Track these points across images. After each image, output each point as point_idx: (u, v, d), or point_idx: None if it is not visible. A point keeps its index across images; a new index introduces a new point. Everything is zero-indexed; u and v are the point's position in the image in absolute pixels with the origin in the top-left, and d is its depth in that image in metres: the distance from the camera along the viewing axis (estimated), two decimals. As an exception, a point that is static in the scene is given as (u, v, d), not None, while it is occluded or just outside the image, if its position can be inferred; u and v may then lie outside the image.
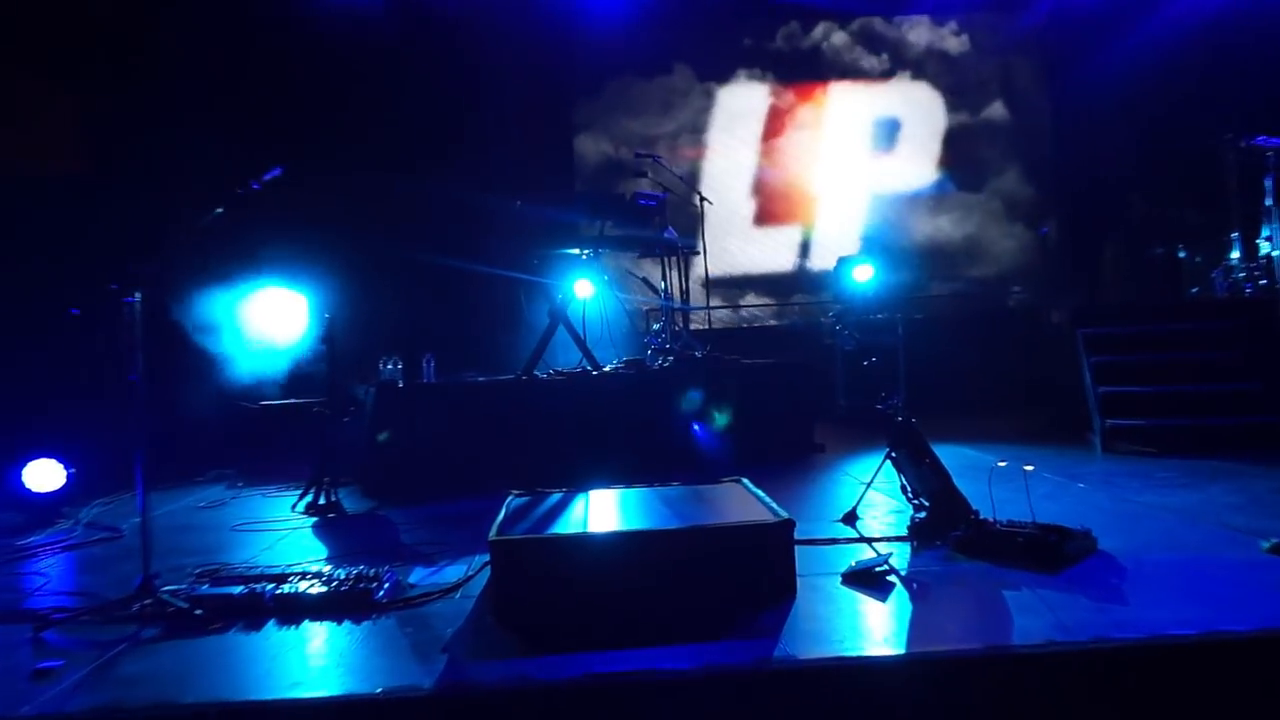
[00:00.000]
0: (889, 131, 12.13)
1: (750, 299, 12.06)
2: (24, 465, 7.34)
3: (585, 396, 8.18)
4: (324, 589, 4.90)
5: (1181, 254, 10.34)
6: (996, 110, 12.19)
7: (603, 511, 5.16)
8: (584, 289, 9.14)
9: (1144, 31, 11.15)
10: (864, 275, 10.46)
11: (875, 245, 11.63)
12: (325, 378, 7.31)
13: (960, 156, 12.16)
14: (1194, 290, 10.43)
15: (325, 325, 7.26)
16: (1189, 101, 10.78)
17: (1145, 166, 11.26)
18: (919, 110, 12.29)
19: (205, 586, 5.00)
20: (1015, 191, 12.06)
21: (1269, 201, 9.53)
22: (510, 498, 5.57)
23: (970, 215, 12.16)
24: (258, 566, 5.53)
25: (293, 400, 8.91)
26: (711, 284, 10.32)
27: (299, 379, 8.08)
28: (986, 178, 12.04)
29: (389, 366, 8.12)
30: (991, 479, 6.06)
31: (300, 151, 8.15)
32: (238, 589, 4.91)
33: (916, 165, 12.24)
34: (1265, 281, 9.71)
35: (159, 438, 5.04)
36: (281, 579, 5.05)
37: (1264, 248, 9.76)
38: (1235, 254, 10.09)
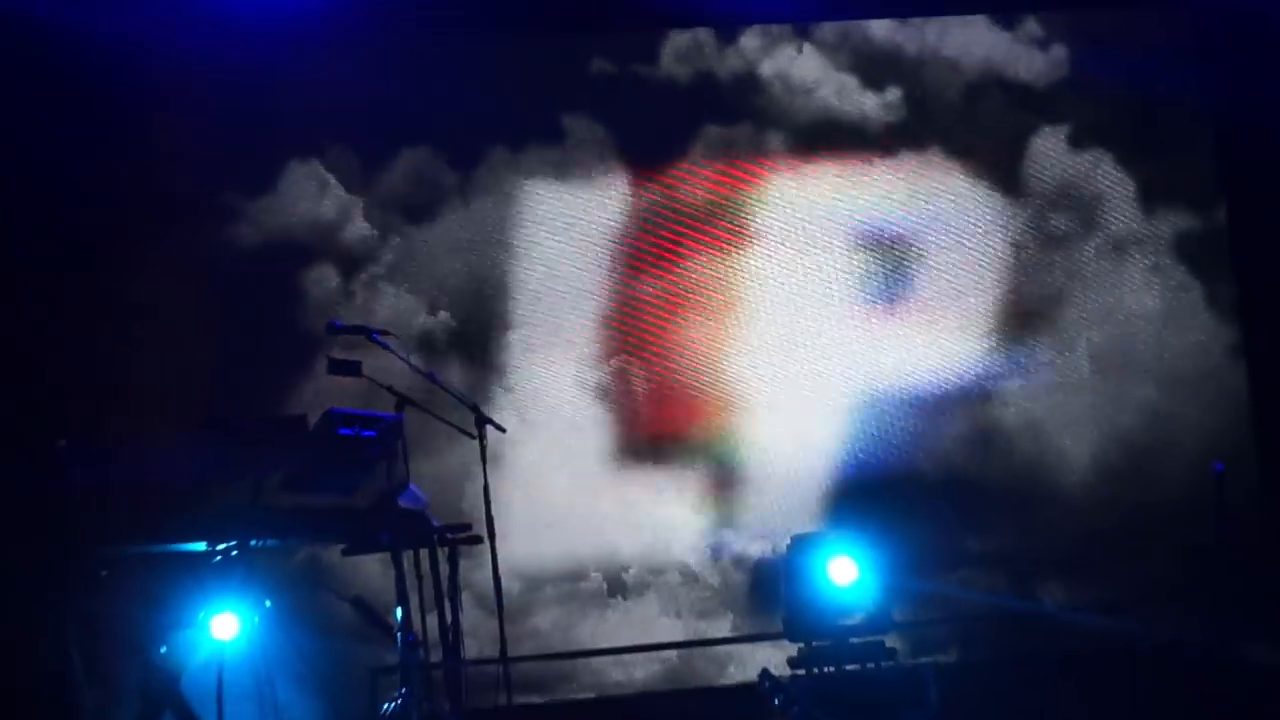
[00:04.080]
0: (892, 258, 7.84)
1: (602, 632, 7.46)
2: None
3: None
4: None
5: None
6: (1142, 210, 7.85)
7: None
8: (222, 628, 5.52)
9: None
10: (845, 575, 6.42)
11: (864, 513, 7.41)
12: None
13: (1056, 318, 7.80)
14: None
15: None
16: None
17: None
18: (954, 210, 7.89)
19: None
20: (1187, 398, 7.61)
21: None
22: None
23: (1083, 445, 7.66)
24: None
25: None
26: (521, 603, 6.91)
27: None
28: (1117, 359, 7.61)
29: None
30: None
31: None
32: None
33: (949, 329, 7.80)
34: None
35: None
36: None
37: None
38: None
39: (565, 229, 7.33)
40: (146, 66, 6.78)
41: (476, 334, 7.25)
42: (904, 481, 7.43)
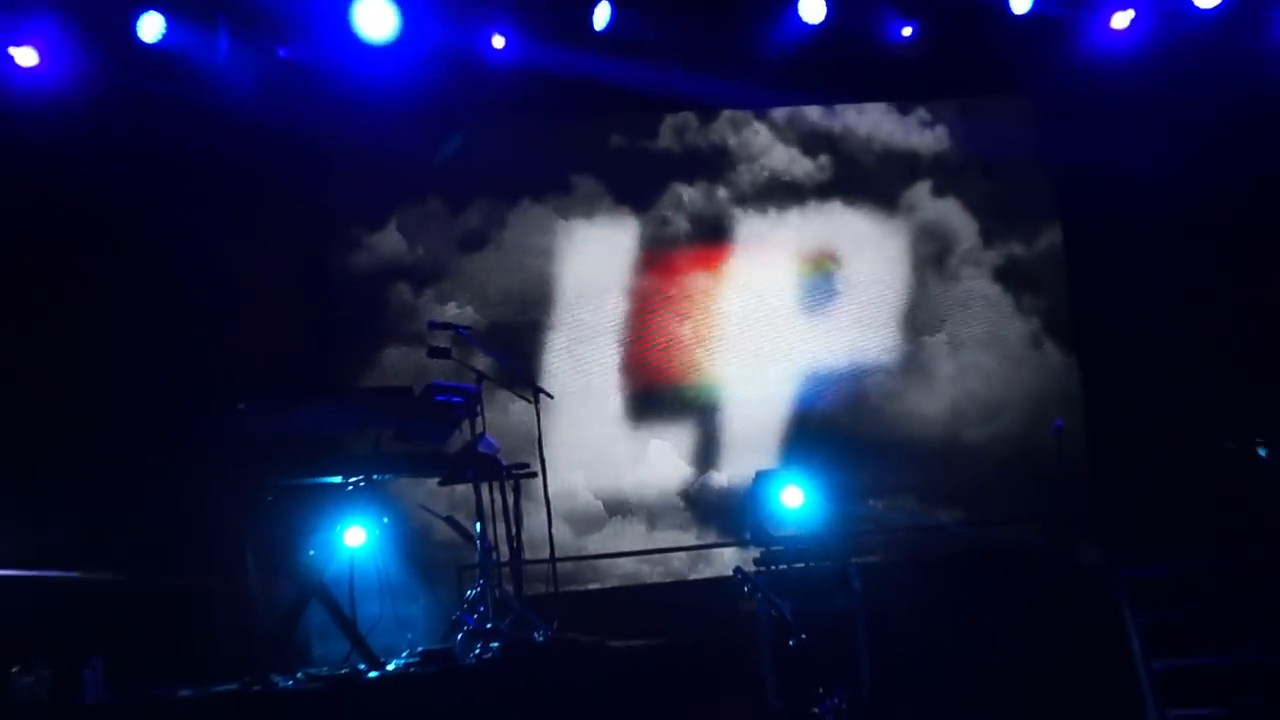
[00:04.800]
0: (826, 277, 8.96)
1: (619, 541, 8.57)
2: None
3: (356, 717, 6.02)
4: None
5: (1263, 451, 7.66)
6: (982, 240, 9.17)
7: None
8: (353, 538, 6.57)
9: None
10: (794, 499, 7.42)
11: (807, 452, 8.46)
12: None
13: (930, 314, 9.04)
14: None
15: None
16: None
17: (1209, 319, 8.64)
18: (868, 240, 9.09)
19: None
20: (1015, 372, 8.98)
21: None
22: None
23: (945, 402, 8.96)
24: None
25: None
26: (562, 520, 7.75)
27: None
28: (968, 343, 9.00)
29: (27, 679, 6.03)
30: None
31: None
32: None
33: (867, 326, 9.01)
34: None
35: None
36: None
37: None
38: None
39: (580, 252, 8.67)
40: (307, 145, 8.07)
41: (517, 328, 8.45)
42: (837, 432, 8.79)
